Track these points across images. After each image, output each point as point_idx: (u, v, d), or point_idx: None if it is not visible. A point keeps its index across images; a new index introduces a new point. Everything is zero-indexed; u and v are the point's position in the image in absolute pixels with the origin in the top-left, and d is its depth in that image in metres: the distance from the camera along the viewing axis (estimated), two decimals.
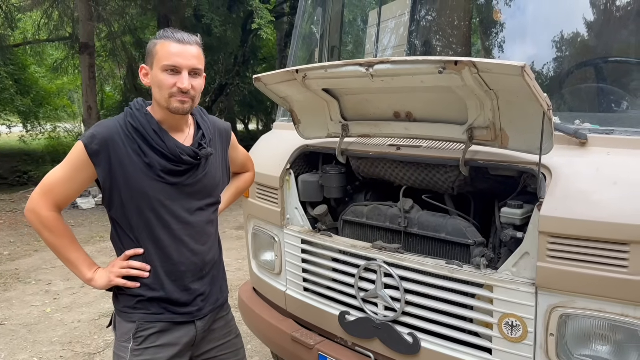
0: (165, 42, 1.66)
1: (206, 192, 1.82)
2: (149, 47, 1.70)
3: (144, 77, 1.73)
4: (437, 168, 1.95)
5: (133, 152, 1.67)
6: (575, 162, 1.62)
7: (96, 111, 10.54)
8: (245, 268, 5.50)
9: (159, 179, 1.69)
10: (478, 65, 1.46)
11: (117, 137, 1.66)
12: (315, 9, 3.24)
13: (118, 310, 1.79)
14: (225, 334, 1.97)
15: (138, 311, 1.75)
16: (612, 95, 2.12)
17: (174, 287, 1.76)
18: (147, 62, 1.72)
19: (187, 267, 1.78)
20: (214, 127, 1.90)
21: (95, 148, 1.63)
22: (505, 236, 1.73)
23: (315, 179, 2.39)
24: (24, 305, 4.71)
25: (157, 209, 1.70)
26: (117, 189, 1.67)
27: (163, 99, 1.66)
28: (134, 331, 1.73)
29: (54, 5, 11.82)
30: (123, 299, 1.77)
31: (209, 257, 1.86)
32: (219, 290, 1.93)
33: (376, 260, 2.00)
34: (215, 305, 1.90)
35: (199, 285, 1.82)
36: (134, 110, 1.71)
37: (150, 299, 1.74)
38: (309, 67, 1.90)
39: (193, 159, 1.74)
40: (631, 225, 1.42)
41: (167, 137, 1.71)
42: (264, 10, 9.21)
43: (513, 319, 1.66)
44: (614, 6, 2.13)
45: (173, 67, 1.64)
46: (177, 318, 1.78)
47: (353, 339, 2.15)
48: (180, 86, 1.64)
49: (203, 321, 1.85)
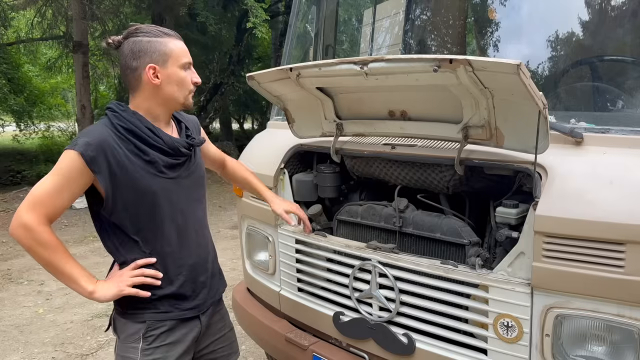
0: (173, 40, 1.70)
1: (199, 183, 1.87)
2: (156, 46, 1.65)
3: (153, 76, 1.66)
4: (432, 167, 1.93)
5: (130, 153, 1.65)
6: (571, 161, 1.61)
7: (90, 110, 10.48)
8: (239, 268, 5.47)
9: (161, 175, 1.70)
10: (473, 63, 1.45)
11: (111, 140, 1.62)
12: (309, 8, 3.23)
13: (121, 312, 1.76)
14: (221, 327, 2.00)
15: (147, 311, 1.74)
16: (608, 94, 2.12)
17: (183, 282, 1.78)
18: (155, 60, 1.65)
19: (194, 260, 1.81)
20: (187, 120, 1.94)
21: (92, 155, 1.58)
22: (501, 236, 1.72)
23: (309, 178, 2.37)
24: (16, 305, 4.67)
25: (163, 206, 1.71)
26: (119, 192, 1.64)
27: (182, 95, 1.72)
28: (144, 331, 1.72)
29: (48, 4, 11.73)
30: (128, 300, 1.73)
31: (210, 248, 1.92)
32: (218, 282, 1.97)
33: (371, 260, 1.99)
34: (215, 298, 1.94)
35: (204, 277, 1.86)
36: (119, 112, 1.67)
37: (160, 297, 1.74)
38: (303, 65, 1.89)
39: (187, 149, 1.78)
40: (627, 224, 1.41)
41: (161, 132, 1.72)
42: (258, 9, 9.19)
43: (508, 319, 1.65)
44: (609, 5, 2.12)
45: (190, 64, 1.73)
46: (186, 314, 1.80)
47: (347, 339, 2.13)
48: (196, 80, 1.75)
49: (206, 315, 1.89)
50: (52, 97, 18.11)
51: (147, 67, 1.65)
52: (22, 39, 14.38)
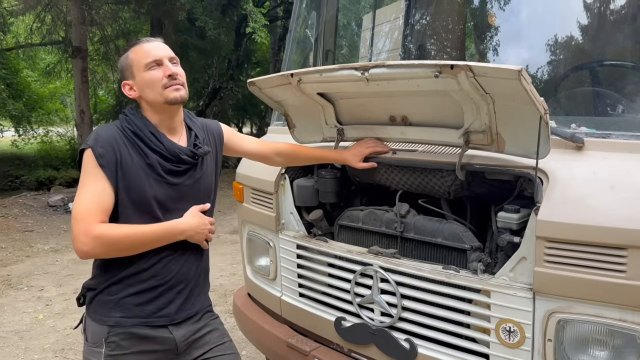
0: (135, 48, 1.73)
1: (204, 194, 1.84)
2: (122, 63, 1.76)
3: (130, 92, 1.76)
4: (433, 172, 1.94)
5: (135, 153, 1.68)
6: (572, 166, 1.61)
7: (89, 115, 10.49)
8: (239, 273, 5.47)
9: (160, 179, 1.70)
10: (474, 69, 1.45)
11: (120, 138, 1.68)
12: (309, 13, 3.24)
13: (90, 312, 1.74)
14: (219, 336, 1.91)
15: (112, 313, 1.69)
16: (608, 99, 2.12)
17: (155, 287, 1.72)
18: (125, 77, 1.76)
19: (177, 267, 1.75)
20: (204, 127, 1.93)
21: (101, 150, 1.63)
22: (502, 241, 1.72)
23: (310, 183, 2.37)
24: (16, 311, 4.66)
25: (155, 211, 1.70)
26: (118, 190, 1.65)
27: (158, 94, 1.70)
28: (106, 335, 1.68)
29: (47, 9, 11.74)
30: (98, 300, 1.71)
31: (201, 260, 1.86)
32: (199, 296, 1.87)
33: (372, 266, 1.99)
34: (191, 312, 1.82)
35: (182, 286, 1.78)
36: (129, 115, 1.74)
37: (126, 299, 1.69)
38: (304, 71, 1.89)
39: (191, 158, 1.76)
40: (628, 229, 1.41)
41: (164, 138, 1.73)
42: (257, 14, 9.21)
43: (510, 325, 1.65)
44: (608, 9, 2.13)
45: (154, 62, 1.69)
46: (153, 321, 1.72)
47: (349, 345, 2.13)
48: (169, 72, 1.69)
49: (181, 328, 1.78)
50: (51, 102, 18.14)
51: (122, 85, 1.77)
52: (21, 44, 14.36)
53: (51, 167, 13.59)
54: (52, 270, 5.82)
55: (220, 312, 4.42)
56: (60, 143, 16.33)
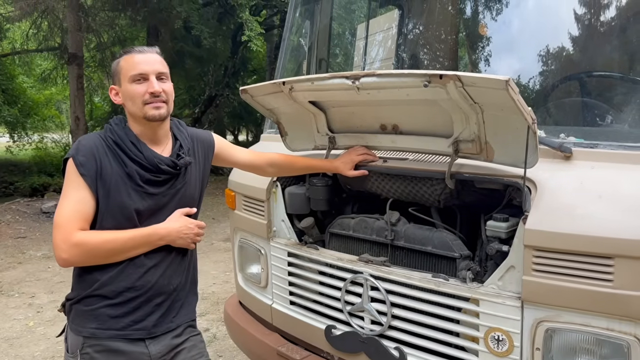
0: (127, 56, 1.73)
1: (186, 204, 1.82)
2: (113, 67, 1.76)
3: (115, 97, 1.77)
4: (423, 181, 1.95)
5: (115, 162, 1.69)
6: (560, 176, 1.62)
7: (84, 122, 10.46)
8: (232, 281, 5.44)
9: (139, 188, 1.70)
10: (462, 78, 1.47)
11: (101, 147, 1.69)
12: (303, 22, 3.26)
13: (69, 321, 1.74)
14: (196, 354, 1.86)
15: (88, 323, 1.68)
16: (597, 109, 2.14)
17: (132, 299, 1.69)
18: (114, 81, 1.77)
19: (156, 279, 1.73)
20: (193, 137, 1.91)
21: (81, 159, 1.64)
22: (491, 249, 1.73)
23: (301, 191, 2.38)
24: (6, 318, 4.62)
25: (134, 220, 1.69)
26: (98, 198, 1.65)
27: (138, 109, 1.70)
28: (81, 346, 1.67)
29: (43, 16, 11.76)
30: (76, 310, 1.71)
31: (185, 273, 1.84)
32: (181, 310, 1.84)
33: (362, 274, 1.99)
34: (172, 326, 1.80)
35: (161, 299, 1.75)
36: (113, 126, 1.75)
37: (104, 314, 1.68)
38: (296, 80, 1.90)
39: (172, 168, 1.75)
40: (615, 239, 1.42)
41: (145, 147, 1.73)
42: (253, 23, 9.25)
43: (499, 333, 1.65)
44: (598, 21, 2.16)
45: (140, 75, 1.69)
46: (130, 334, 1.70)
47: (339, 353, 2.12)
48: (151, 90, 1.68)
49: (158, 343, 1.76)
50: (47, 108, 18.07)
51: (110, 89, 1.79)
52: (17, 50, 14.37)
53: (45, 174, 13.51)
54: (44, 277, 5.78)
55: (213, 320, 4.41)
56: (55, 149, 16.27)
